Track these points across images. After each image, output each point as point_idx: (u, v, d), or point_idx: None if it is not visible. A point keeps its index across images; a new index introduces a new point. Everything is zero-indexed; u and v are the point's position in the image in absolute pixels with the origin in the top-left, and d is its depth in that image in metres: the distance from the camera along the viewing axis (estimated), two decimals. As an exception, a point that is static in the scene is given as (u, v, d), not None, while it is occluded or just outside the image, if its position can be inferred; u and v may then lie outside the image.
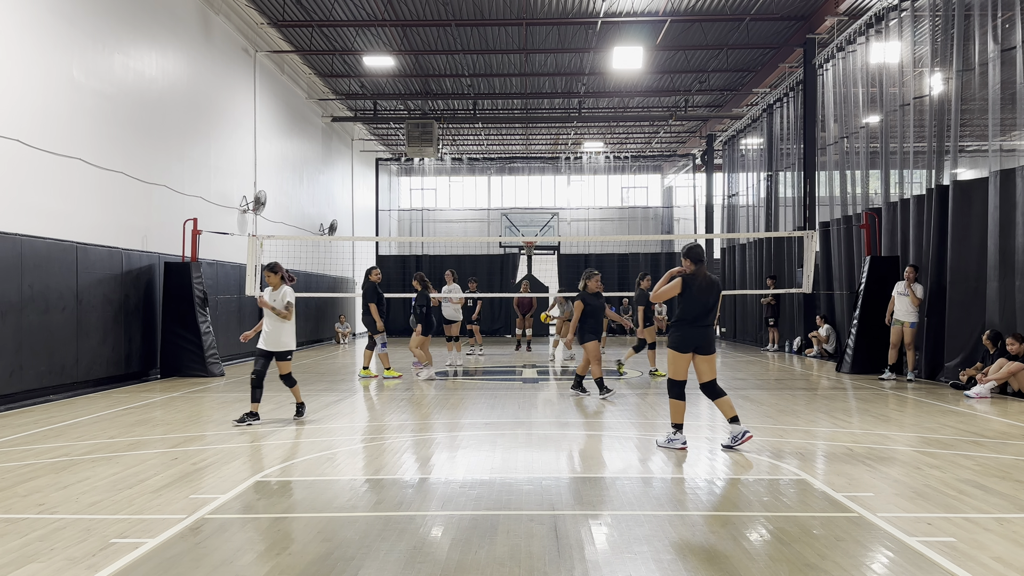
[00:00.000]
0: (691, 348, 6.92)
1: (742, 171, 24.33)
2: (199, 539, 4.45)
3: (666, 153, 32.80)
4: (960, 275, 11.99)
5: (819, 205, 17.63)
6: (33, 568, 4.00)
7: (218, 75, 16.59)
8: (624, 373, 13.85)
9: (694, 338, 6.91)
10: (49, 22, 10.88)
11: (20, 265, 10.01)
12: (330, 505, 5.21)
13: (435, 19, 17.79)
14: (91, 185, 11.88)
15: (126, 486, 5.67)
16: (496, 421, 8.58)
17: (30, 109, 10.46)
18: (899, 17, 13.80)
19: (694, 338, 6.91)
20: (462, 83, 23.27)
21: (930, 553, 4.16)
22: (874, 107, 15.18)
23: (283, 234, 19.74)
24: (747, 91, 23.49)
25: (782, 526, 4.66)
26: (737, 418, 6.99)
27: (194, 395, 11.02)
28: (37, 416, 9.10)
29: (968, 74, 11.91)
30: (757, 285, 21.38)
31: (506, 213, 28.50)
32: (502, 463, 6.47)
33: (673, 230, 33.32)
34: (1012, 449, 6.93)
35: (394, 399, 10.60)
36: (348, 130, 28.07)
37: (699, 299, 6.90)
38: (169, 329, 13.37)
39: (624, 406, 9.69)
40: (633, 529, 4.62)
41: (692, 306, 6.91)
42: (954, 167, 12.34)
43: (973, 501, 5.19)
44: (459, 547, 4.31)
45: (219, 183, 16.54)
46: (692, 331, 6.91)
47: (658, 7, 17.41)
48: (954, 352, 11.99)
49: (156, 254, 13.64)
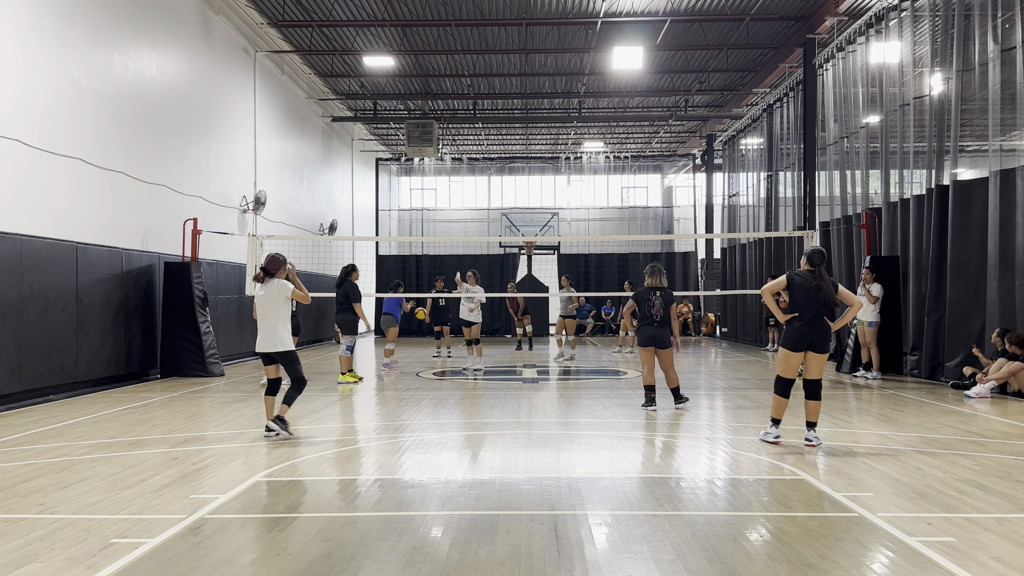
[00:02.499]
0: (805, 346, 7.03)
1: (742, 171, 24.33)
2: (199, 539, 4.45)
3: (666, 153, 32.80)
4: (960, 275, 11.99)
5: (819, 205, 17.62)
6: (33, 568, 4.00)
7: (218, 75, 16.59)
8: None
9: (807, 336, 7.00)
10: (49, 22, 10.88)
11: (20, 265, 10.00)
12: (330, 505, 5.21)
13: (435, 19, 17.79)
14: (91, 185, 11.88)
15: (126, 486, 5.66)
16: (496, 421, 8.57)
17: (30, 109, 10.46)
18: (899, 17, 13.80)
19: (807, 336, 7.00)
20: (462, 83, 23.27)
21: (930, 553, 4.16)
22: (874, 107, 15.18)
23: (283, 234, 19.73)
24: (747, 91, 23.49)
25: (782, 526, 4.66)
26: (815, 424, 7.09)
27: (194, 395, 11.02)
28: (37, 416, 9.10)
29: (968, 74, 11.91)
30: (757, 285, 21.36)
31: (506, 213, 28.50)
32: (502, 463, 6.46)
33: (673, 230, 33.32)
34: (1012, 449, 6.93)
35: (394, 399, 10.60)
36: (348, 130, 28.07)
37: (806, 298, 7.02)
38: (169, 329, 13.37)
39: (624, 406, 9.68)
40: (633, 529, 4.62)
41: (800, 305, 7.05)
42: (954, 167, 12.34)
43: (973, 501, 5.19)
44: (459, 547, 4.31)
45: (219, 183, 16.55)
46: (805, 329, 7.01)
47: (658, 7, 17.41)
48: (954, 352, 11.99)
49: (156, 254, 13.64)
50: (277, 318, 7.64)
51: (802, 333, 7.01)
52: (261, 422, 8.47)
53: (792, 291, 7.12)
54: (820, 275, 7.08)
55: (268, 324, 7.64)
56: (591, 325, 27.44)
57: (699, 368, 15.36)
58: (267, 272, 7.75)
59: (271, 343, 7.63)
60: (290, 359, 7.66)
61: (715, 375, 13.92)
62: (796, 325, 7.04)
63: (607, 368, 15.13)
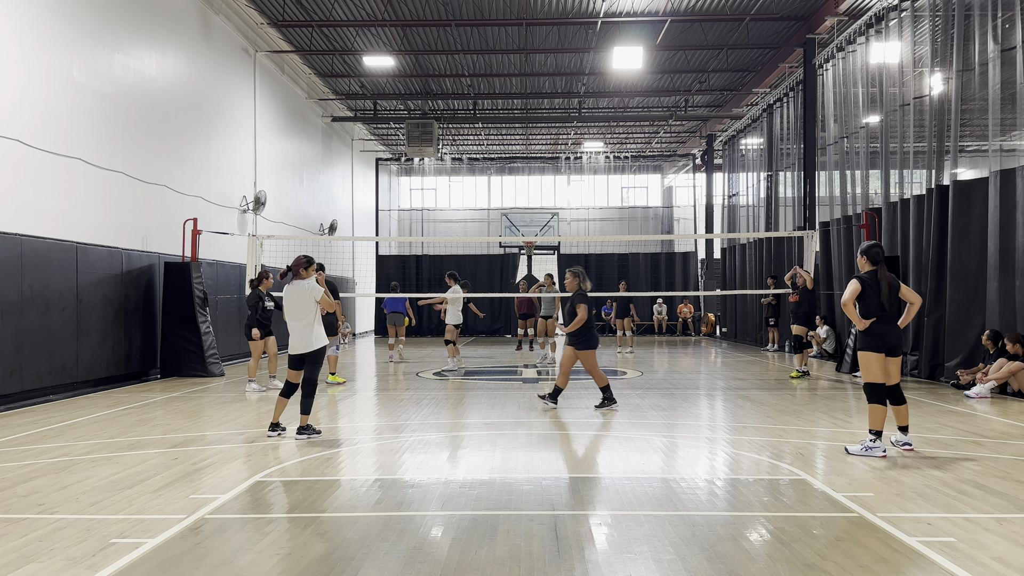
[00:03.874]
0: (885, 347, 6.80)
1: (742, 171, 24.33)
2: (199, 539, 4.45)
3: (666, 153, 32.80)
4: (960, 275, 11.98)
5: (819, 205, 17.63)
6: (33, 568, 4.00)
7: (218, 75, 16.59)
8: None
9: (889, 336, 6.80)
10: (49, 22, 10.88)
11: (20, 265, 10.00)
12: (330, 505, 5.21)
13: (435, 19, 17.79)
14: (91, 185, 11.88)
15: (126, 486, 5.66)
16: (496, 421, 8.57)
17: (30, 109, 10.46)
18: (899, 17, 13.80)
19: (889, 336, 6.80)
20: (462, 83, 23.27)
21: (930, 553, 4.16)
22: (874, 107, 15.18)
23: (283, 234, 19.74)
24: (747, 91, 23.49)
25: (782, 526, 4.66)
26: (907, 428, 6.87)
27: (194, 395, 11.02)
28: (37, 416, 9.10)
29: (968, 74, 11.91)
30: (757, 285, 21.37)
31: (506, 213, 28.50)
32: (502, 463, 6.46)
33: (673, 230, 33.33)
34: (1012, 449, 6.93)
35: (394, 399, 10.60)
36: (348, 130, 28.07)
37: (877, 298, 6.85)
38: (169, 329, 13.37)
39: (624, 406, 9.68)
40: (633, 529, 4.62)
41: (873, 307, 6.86)
42: (954, 167, 12.34)
43: (973, 501, 5.19)
44: (459, 547, 4.31)
45: (219, 183, 16.55)
46: (885, 329, 6.82)
47: (658, 7, 17.41)
48: (954, 352, 11.99)
49: (156, 254, 13.64)
50: (310, 318, 7.48)
51: (884, 334, 6.82)
52: (261, 422, 8.48)
53: (864, 294, 6.89)
54: (882, 273, 6.93)
55: (302, 325, 7.48)
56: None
57: (699, 368, 15.36)
58: (291, 270, 7.61)
59: (305, 343, 7.46)
60: (317, 358, 7.52)
61: (715, 375, 13.92)
62: (876, 327, 6.83)
63: (607, 368, 15.13)
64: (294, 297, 7.53)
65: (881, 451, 6.62)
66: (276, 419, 7.64)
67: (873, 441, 6.67)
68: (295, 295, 7.53)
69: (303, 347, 7.49)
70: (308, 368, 7.54)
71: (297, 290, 7.53)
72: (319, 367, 7.59)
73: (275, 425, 7.65)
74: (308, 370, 7.54)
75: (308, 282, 7.57)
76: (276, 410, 7.62)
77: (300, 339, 7.49)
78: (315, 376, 7.56)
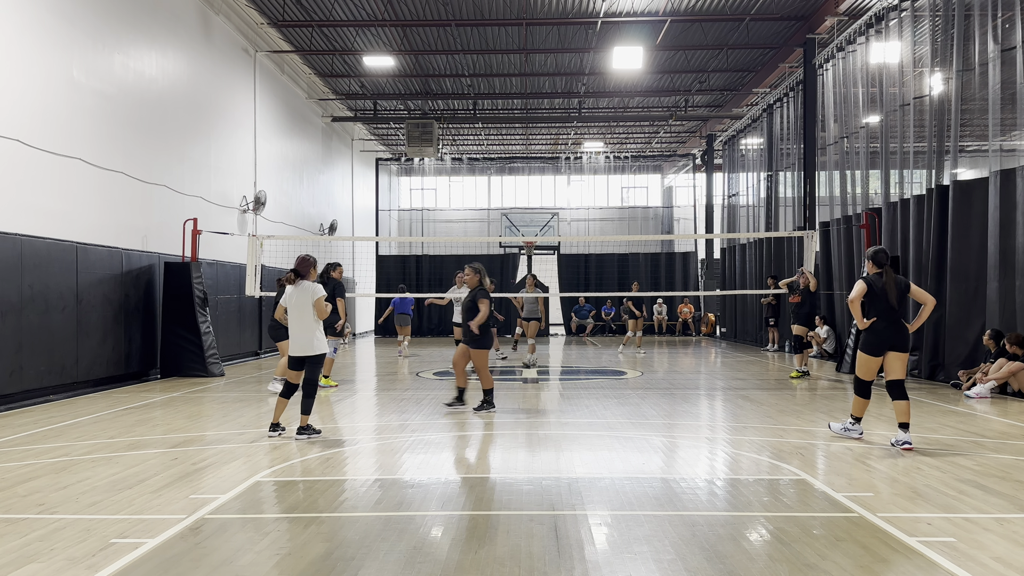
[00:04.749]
0: (886, 348, 7.00)
1: (742, 171, 24.33)
2: (199, 539, 4.45)
3: (666, 153, 32.80)
4: (960, 275, 11.98)
5: (819, 205, 17.62)
6: (33, 568, 4.00)
7: (218, 75, 16.59)
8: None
9: (888, 338, 6.98)
10: (49, 22, 10.88)
11: (20, 265, 10.00)
12: (330, 505, 5.21)
13: (435, 19, 17.79)
14: (91, 185, 11.88)
15: (126, 486, 5.66)
16: (496, 421, 8.57)
17: (30, 109, 10.46)
18: (899, 17, 13.80)
19: (888, 338, 6.98)
20: (462, 83, 23.27)
21: (930, 553, 4.16)
22: (874, 107, 15.18)
23: (283, 234, 19.73)
24: (747, 91, 23.49)
25: (782, 526, 4.66)
26: (908, 425, 6.93)
27: (194, 395, 11.02)
28: (37, 416, 9.10)
29: (968, 74, 11.91)
30: (757, 285, 21.37)
31: (506, 213, 28.48)
32: (502, 463, 6.47)
33: (673, 230, 33.32)
34: (1012, 449, 6.93)
35: (394, 399, 10.60)
36: (348, 130, 28.06)
37: (883, 301, 6.98)
38: (169, 329, 13.37)
39: (624, 406, 9.69)
40: (633, 529, 4.62)
41: (878, 308, 7.00)
42: (954, 167, 12.34)
43: (973, 501, 5.19)
44: (459, 547, 4.31)
45: (219, 183, 16.54)
46: (886, 332, 6.98)
47: (658, 7, 17.41)
48: (954, 352, 11.98)
49: (156, 254, 13.64)
50: (311, 320, 7.53)
51: (883, 336, 6.97)
52: (261, 422, 8.48)
53: (870, 296, 7.03)
54: (887, 275, 7.04)
55: (303, 327, 7.51)
56: (591, 325, 27.44)
57: (699, 368, 15.36)
58: (297, 274, 7.64)
59: (307, 346, 7.50)
60: (318, 361, 7.59)
61: (715, 375, 13.92)
62: (877, 328, 6.98)
63: (607, 368, 15.14)
64: (299, 297, 7.57)
65: (857, 433, 7.31)
66: (276, 419, 7.65)
67: (852, 425, 7.36)
68: (300, 296, 7.58)
69: (305, 350, 7.52)
70: (309, 368, 7.58)
71: (302, 291, 7.59)
72: (320, 368, 7.63)
73: (275, 425, 7.66)
74: (309, 370, 7.57)
75: (311, 284, 7.64)
76: (276, 410, 7.64)
77: (302, 340, 7.52)
78: (316, 376, 7.59)
